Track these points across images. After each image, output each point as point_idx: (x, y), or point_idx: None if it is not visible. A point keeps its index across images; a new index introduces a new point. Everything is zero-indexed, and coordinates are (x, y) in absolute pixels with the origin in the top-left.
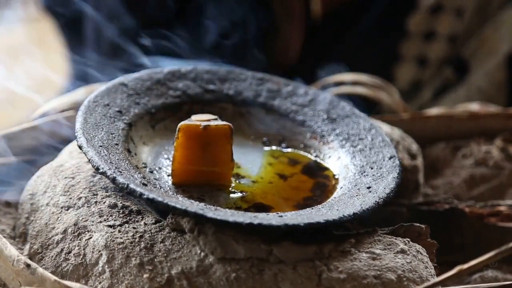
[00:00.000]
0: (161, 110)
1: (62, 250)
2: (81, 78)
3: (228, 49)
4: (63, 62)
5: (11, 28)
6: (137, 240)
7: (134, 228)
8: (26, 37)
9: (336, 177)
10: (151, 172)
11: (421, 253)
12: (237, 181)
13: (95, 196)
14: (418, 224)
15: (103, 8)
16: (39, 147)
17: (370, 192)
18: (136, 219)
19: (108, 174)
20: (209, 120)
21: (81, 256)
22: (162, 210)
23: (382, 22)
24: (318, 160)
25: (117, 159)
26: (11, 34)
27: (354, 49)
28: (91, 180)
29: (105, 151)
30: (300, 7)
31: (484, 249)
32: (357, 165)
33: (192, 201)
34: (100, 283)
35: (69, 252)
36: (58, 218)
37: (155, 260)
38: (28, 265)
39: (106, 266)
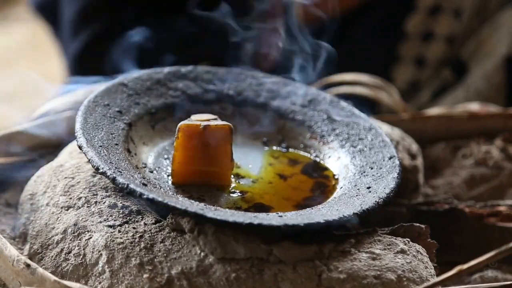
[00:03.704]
0: (161, 110)
1: (62, 250)
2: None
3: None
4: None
5: (10, 28)
6: (137, 240)
7: (134, 228)
8: (25, 37)
9: (336, 177)
10: (151, 172)
11: (421, 253)
12: (237, 181)
13: (95, 196)
14: (418, 224)
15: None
16: (39, 147)
17: (370, 192)
18: (136, 219)
19: (108, 174)
20: (209, 120)
21: (81, 256)
22: (162, 210)
23: (381, 23)
24: (318, 160)
25: (117, 159)
26: (10, 34)
27: (353, 49)
28: (91, 180)
29: (105, 151)
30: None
31: (484, 249)
32: (357, 165)
33: (192, 201)
34: (100, 283)
35: (69, 252)
36: (58, 218)
37: (155, 260)
38: (28, 265)
39: (106, 266)
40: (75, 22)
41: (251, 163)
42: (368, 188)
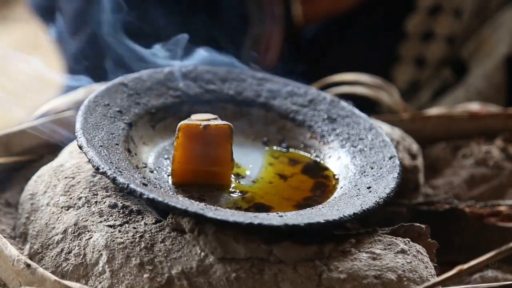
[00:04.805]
0: (161, 110)
1: (62, 250)
2: (75, 76)
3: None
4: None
5: (10, 28)
6: (137, 240)
7: (134, 228)
8: (25, 37)
9: (336, 177)
10: (151, 172)
11: (421, 253)
12: (237, 181)
13: (95, 196)
14: (418, 224)
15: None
16: (39, 147)
17: (370, 192)
18: (136, 219)
19: (108, 174)
20: (209, 120)
21: (81, 256)
22: (162, 210)
23: (381, 23)
24: (318, 160)
25: (117, 159)
26: (10, 34)
27: (353, 49)
28: (91, 180)
29: (105, 151)
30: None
31: (484, 249)
32: (357, 165)
33: (192, 201)
34: (100, 283)
35: (69, 252)
36: (58, 218)
37: (155, 260)
38: (28, 265)
39: (106, 266)
40: (74, 22)
41: (251, 163)
42: (369, 188)
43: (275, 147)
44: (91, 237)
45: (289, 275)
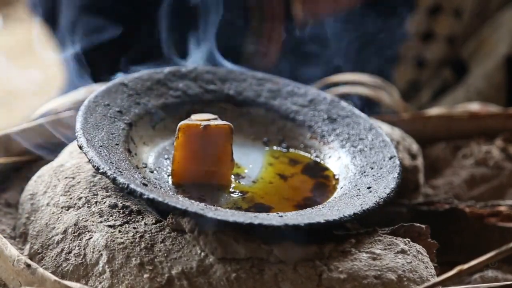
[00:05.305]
0: (161, 110)
1: (62, 250)
2: (75, 78)
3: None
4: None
5: (10, 28)
6: (137, 240)
7: (134, 228)
8: (25, 37)
9: (337, 177)
10: (152, 172)
11: (421, 253)
12: (237, 181)
13: (95, 196)
14: (418, 224)
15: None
16: (39, 147)
17: (370, 192)
18: (137, 219)
19: (109, 174)
20: (209, 120)
21: (82, 256)
22: (162, 210)
23: (381, 23)
24: (318, 160)
25: (118, 159)
26: (10, 34)
27: (353, 49)
28: (91, 180)
29: (105, 151)
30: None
31: (484, 249)
32: (358, 165)
33: (192, 201)
34: (100, 283)
35: (70, 252)
36: (58, 218)
37: (156, 260)
38: (28, 265)
39: (107, 266)
40: (74, 22)
41: (252, 163)
42: (369, 188)
43: (275, 147)
44: (91, 237)
45: (289, 275)
